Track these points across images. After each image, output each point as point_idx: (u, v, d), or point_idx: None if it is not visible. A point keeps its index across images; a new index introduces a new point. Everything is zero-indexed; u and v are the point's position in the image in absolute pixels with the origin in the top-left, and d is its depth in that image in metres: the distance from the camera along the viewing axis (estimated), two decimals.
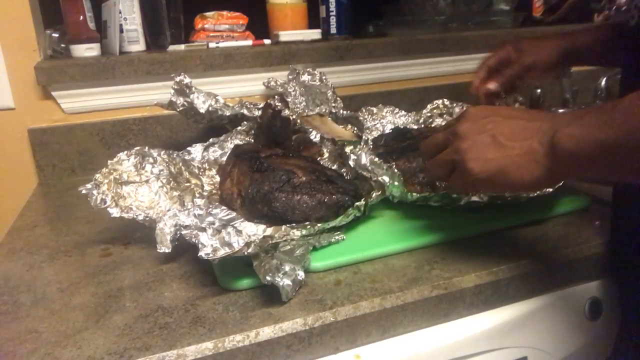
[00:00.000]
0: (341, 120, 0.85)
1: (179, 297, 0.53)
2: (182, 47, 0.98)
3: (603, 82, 1.08)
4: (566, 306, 0.61)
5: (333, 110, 0.89)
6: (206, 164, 0.78)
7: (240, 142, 0.81)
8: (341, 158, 0.77)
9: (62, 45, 0.95)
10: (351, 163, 0.66)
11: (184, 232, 0.52)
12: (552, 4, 1.31)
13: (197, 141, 0.80)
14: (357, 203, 0.61)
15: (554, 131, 0.45)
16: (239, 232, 0.51)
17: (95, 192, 0.62)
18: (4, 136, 0.90)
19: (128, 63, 0.90)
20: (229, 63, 0.96)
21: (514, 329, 0.58)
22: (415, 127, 0.88)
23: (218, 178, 0.75)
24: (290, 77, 0.95)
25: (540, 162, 0.46)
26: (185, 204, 0.66)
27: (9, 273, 0.60)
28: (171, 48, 0.99)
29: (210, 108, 0.82)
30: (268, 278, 0.49)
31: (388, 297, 0.51)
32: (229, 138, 0.82)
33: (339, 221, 0.60)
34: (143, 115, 0.95)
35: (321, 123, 0.80)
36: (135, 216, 0.62)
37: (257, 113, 0.85)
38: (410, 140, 0.77)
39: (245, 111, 0.85)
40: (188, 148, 0.78)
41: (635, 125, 0.40)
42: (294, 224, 0.58)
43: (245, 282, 0.53)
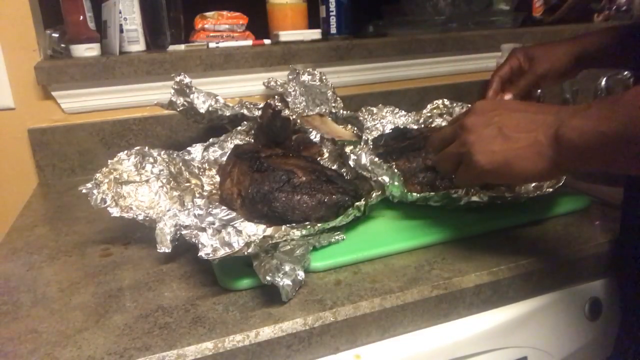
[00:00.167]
0: (341, 120, 0.85)
1: (179, 297, 0.53)
2: (182, 47, 0.98)
3: (603, 82, 1.08)
4: (566, 306, 0.61)
5: (333, 110, 0.89)
6: (206, 164, 0.78)
7: (240, 142, 0.81)
8: (341, 158, 0.77)
9: (62, 45, 0.95)
10: (351, 163, 0.66)
11: (184, 232, 0.52)
12: (552, 4, 1.31)
13: (197, 141, 0.80)
14: (357, 203, 0.61)
15: (559, 123, 0.45)
16: (239, 232, 0.51)
17: (95, 192, 0.62)
18: (4, 136, 0.90)
19: (128, 63, 0.90)
20: (229, 63, 0.96)
21: (514, 329, 0.58)
22: (415, 127, 0.88)
23: (218, 178, 0.75)
24: (290, 77, 0.95)
25: (544, 154, 0.46)
26: (185, 204, 0.66)
27: (9, 273, 0.60)
28: (171, 48, 0.99)
29: (210, 108, 0.82)
30: (268, 278, 0.49)
31: (388, 297, 0.51)
32: (229, 138, 0.82)
33: (339, 221, 0.60)
34: (143, 115, 0.95)
35: (321, 123, 0.80)
36: (135, 216, 0.62)
37: (257, 113, 0.85)
38: (410, 140, 0.77)
39: (245, 111, 0.85)
40: (188, 148, 0.78)
41: (637, 117, 0.40)
42: (294, 224, 0.58)
43: (245, 282, 0.53)
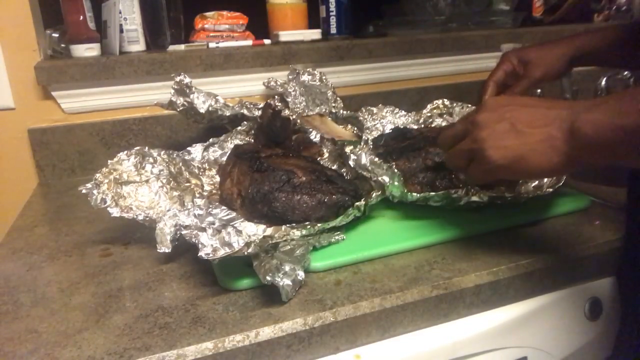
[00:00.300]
0: (341, 120, 0.85)
1: (179, 297, 0.53)
2: (182, 47, 0.98)
3: (603, 82, 1.08)
4: (566, 306, 0.61)
5: (333, 110, 0.89)
6: (206, 164, 0.78)
7: (240, 142, 0.81)
8: (341, 158, 0.77)
9: (62, 45, 0.95)
10: (351, 163, 0.66)
11: (184, 232, 0.52)
12: (552, 4, 1.31)
13: (197, 141, 0.80)
14: (357, 203, 0.61)
15: (574, 118, 0.45)
16: (239, 232, 0.51)
17: (95, 192, 0.62)
18: (4, 136, 0.90)
19: (128, 63, 0.90)
20: (229, 63, 0.96)
21: (514, 329, 0.58)
22: (415, 127, 0.88)
23: (218, 178, 0.75)
24: (290, 77, 0.95)
25: (559, 149, 0.46)
26: (185, 204, 0.66)
27: (9, 273, 0.60)
28: (171, 48, 0.99)
29: (210, 108, 0.82)
30: (268, 278, 0.49)
31: (388, 297, 0.51)
32: (229, 138, 0.82)
33: (339, 221, 0.60)
34: (143, 115, 0.95)
35: (321, 123, 0.80)
36: (135, 216, 0.62)
37: (257, 113, 0.85)
38: (410, 140, 0.77)
39: (245, 111, 0.85)
40: (188, 148, 0.78)
41: None
42: (294, 224, 0.58)
43: (245, 282, 0.53)
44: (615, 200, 0.69)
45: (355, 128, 0.83)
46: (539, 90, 1.10)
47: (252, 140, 0.83)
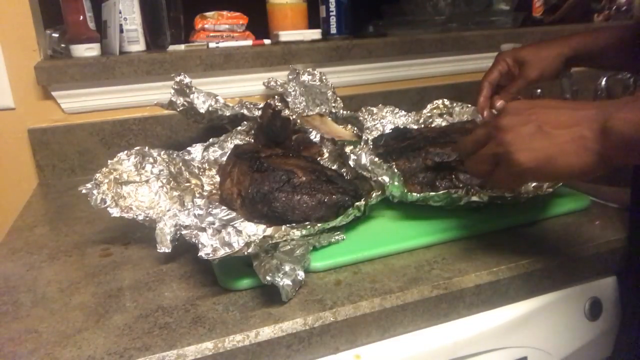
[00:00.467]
0: (341, 120, 0.85)
1: (179, 297, 0.53)
2: (182, 47, 0.98)
3: (603, 82, 1.08)
4: (566, 306, 0.61)
5: (333, 110, 0.89)
6: (206, 164, 0.78)
7: (240, 142, 0.81)
8: (341, 158, 0.77)
9: (62, 45, 0.95)
10: (351, 163, 0.66)
11: (184, 232, 0.52)
12: (552, 4, 1.31)
13: (197, 141, 0.80)
14: (357, 203, 0.61)
15: (606, 117, 0.45)
16: (239, 232, 0.51)
17: (95, 192, 0.62)
18: (4, 136, 0.90)
19: (128, 63, 0.90)
20: (229, 63, 0.96)
21: (514, 329, 0.58)
22: (415, 127, 0.88)
23: (218, 178, 0.75)
24: (290, 77, 0.95)
25: (590, 149, 0.45)
26: (185, 204, 0.66)
27: (9, 273, 0.60)
28: (171, 48, 0.99)
29: (210, 108, 0.82)
30: (268, 278, 0.49)
31: (388, 297, 0.51)
32: (229, 138, 0.82)
33: (339, 221, 0.60)
34: (143, 115, 0.95)
35: (321, 123, 0.80)
36: (135, 216, 0.62)
37: (257, 113, 0.85)
38: (410, 140, 0.77)
39: (245, 111, 0.85)
40: (188, 148, 0.78)
41: None
42: (294, 224, 0.58)
43: (245, 282, 0.53)
44: (615, 200, 0.69)
45: (355, 128, 0.83)
46: (539, 90, 1.10)
47: (252, 140, 0.83)
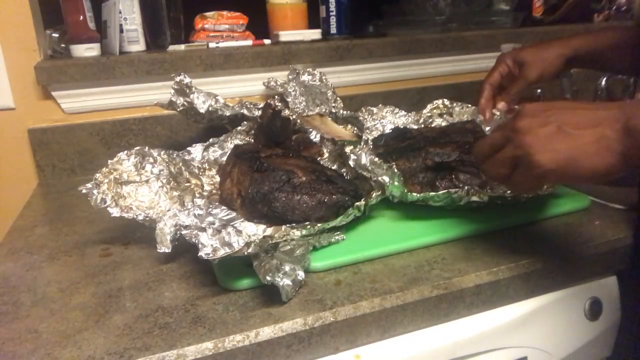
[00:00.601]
0: (341, 120, 0.85)
1: (179, 297, 0.53)
2: (182, 47, 0.98)
3: (603, 82, 1.08)
4: (566, 306, 0.61)
5: (333, 110, 0.89)
6: (206, 164, 0.78)
7: (240, 142, 0.81)
8: (341, 158, 0.77)
9: (62, 45, 0.95)
10: (351, 163, 0.66)
11: (184, 232, 0.52)
12: (552, 4, 1.31)
13: (197, 141, 0.80)
14: (357, 203, 0.61)
15: (627, 117, 0.44)
16: (239, 232, 0.51)
17: (95, 192, 0.62)
18: (4, 136, 0.90)
19: (128, 63, 0.90)
20: (229, 63, 0.96)
21: (514, 329, 0.58)
22: (415, 127, 0.88)
23: (218, 178, 0.75)
24: (290, 77, 0.95)
25: (613, 149, 0.45)
26: (185, 204, 0.66)
27: (9, 273, 0.60)
28: (171, 48, 0.99)
29: (210, 108, 0.82)
30: (268, 278, 0.49)
31: (388, 297, 0.51)
32: (229, 138, 0.82)
33: (339, 221, 0.60)
34: (143, 115, 0.95)
35: (321, 123, 0.80)
36: (135, 216, 0.62)
37: (257, 113, 0.85)
38: (410, 140, 0.77)
39: (245, 111, 0.85)
40: (188, 148, 0.78)
41: None
42: (294, 224, 0.58)
43: (245, 282, 0.53)
44: (616, 200, 0.69)
45: (355, 128, 0.83)
46: (539, 90, 1.10)
47: (252, 140, 0.83)
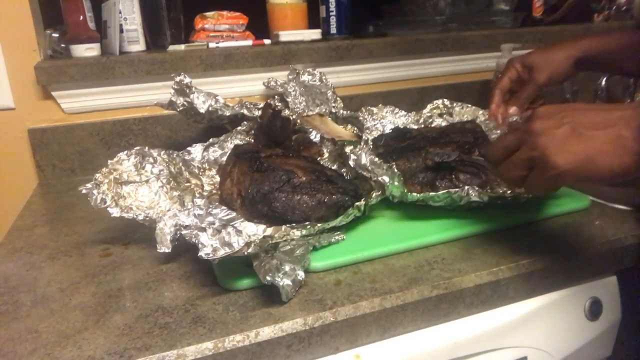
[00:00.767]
0: (341, 120, 0.85)
1: (179, 297, 0.53)
2: (182, 47, 0.98)
3: (603, 82, 1.08)
4: (566, 306, 0.61)
5: (333, 110, 0.89)
6: (206, 164, 0.78)
7: (240, 142, 0.81)
8: (341, 158, 0.77)
9: (62, 45, 0.95)
10: (351, 163, 0.66)
11: (184, 232, 0.52)
12: (552, 4, 1.31)
13: (197, 141, 0.80)
14: (357, 203, 0.61)
15: None
16: (239, 232, 0.51)
17: (95, 192, 0.62)
18: (4, 136, 0.90)
19: (128, 63, 0.90)
20: (229, 63, 0.96)
21: (514, 329, 0.58)
22: (415, 127, 0.88)
23: (218, 178, 0.75)
24: (290, 77, 0.95)
25: (630, 149, 0.45)
26: (185, 204, 0.66)
27: (9, 273, 0.60)
28: (171, 48, 0.99)
29: (210, 108, 0.82)
30: (268, 278, 0.49)
31: (388, 297, 0.51)
32: (229, 138, 0.82)
33: (339, 221, 0.60)
34: (143, 115, 0.95)
35: (321, 123, 0.80)
36: (135, 216, 0.62)
37: (257, 113, 0.85)
38: (410, 140, 0.77)
39: (245, 111, 0.85)
40: (188, 148, 0.78)
41: None
42: (294, 224, 0.58)
43: (245, 282, 0.53)
44: (616, 200, 0.69)
45: (355, 128, 0.83)
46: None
47: (252, 140, 0.83)
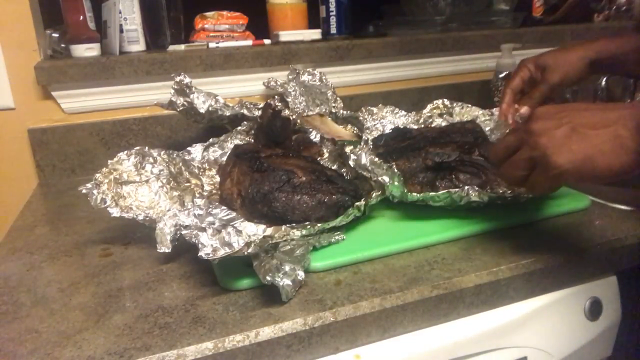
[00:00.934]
0: (341, 120, 0.85)
1: (179, 297, 0.53)
2: (182, 47, 0.98)
3: (603, 82, 1.08)
4: (566, 306, 0.61)
5: (333, 110, 0.89)
6: (206, 164, 0.78)
7: (240, 142, 0.81)
8: (341, 158, 0.77)
9: (62, 45, 0.95)
10: (351, 163, 0.66)
11: (184, 232, 0.52)
12: (552, 4, 1.31)
13: (197, 141, 0.80)
14: (357, 203, 0.61)
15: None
16: (239, 232, 0.51)
17: (95, 192, 0.62)
18: (4, 136, 0.90)
19: (128, 63, 0.90)
20: (229, 63, 0.96)
21: (514, 329, 0.58)
22: (415, 127, 0.88)
23: (218, 178, 0.75)
24: (290, 77, 0.95)
25: (628, 147, 0.45)
26: (185, 204, 0.66)
27: (9, 273, 0.60)
28: (171, 48, 0.99)
29: (210, 108, 0.82)
30: (268, 278, 0.49)
31: (388, 297, 0.51)
32: (229, 138, 0.82)
33: (339, 221, 0.60)
34: (143, 115, 0.95)
35: (321, 123, 0.80)
36: (135, 216, 0.62)
37: (257, 113, 0.85)
38: (410, 140, 0.77)
39: (245, 111, 0.85)
40: (188, 148, 0.78)
41: None
42: (294, 224, 0.58)
43: (245, 282, 0.53)
44: (615, 200, 0.69)
45: (355, 128, 0.83)
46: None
47: (252, 140, 0.83)
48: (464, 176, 0.67)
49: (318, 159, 0.78)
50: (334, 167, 0.76)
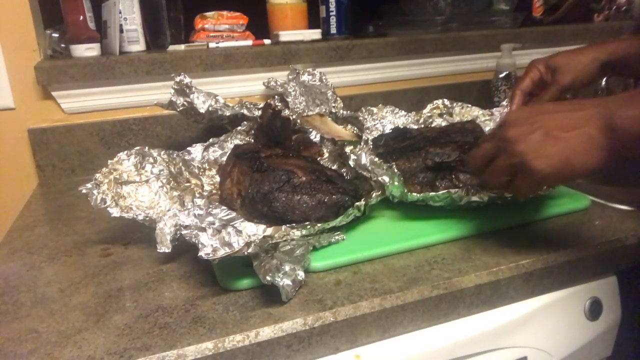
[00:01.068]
0: (341, 120, 0.85)
1: (179, 297, 0.53)
2: (182, 47, 0.98)
3: (603, 82, 1.08)
4: (566, 306, 0.61)
5: (333, 110, 0.89)
6: (206, 164, 0.78)
7: (240, 142, 0.81)
8: (341, 158, 0.77)
9: (62, 45, 0.95)
10: (351, 163, 0.66)
11: (184, 232, 0.52)
12: (552, 4, 1.31)
13: (197, 141, 0.80)
14: (357, 203, 0.61)
15: (609, 115, 0.47)
16: (239, 232, 0.51)
17: (95, 192, 0.62)
18: (4, 136, 0.90)
19: (128, 63, 0.90)
20: (229, 63, 0.96)
21: (514, 329, 0.58)
22: (415, 127, 0.88)
23: (218, 178, 0.75)
24: (290, 77, 0.95)
25: (600, 146, 0.47)
26: (185, 204, 0.66)
27: (9, 273, 0.60)
28: (171, 48, 0.99)
29: (210, 108, 0.82)
30: (268, 278, 0.49)
31: (388, 297, 0.51)
32: (229, 138, 0.82)
33: (339, 221, 0.60)
34: (143, 115, 0.95)
35: (321, 123, 0.80)
36: (135, 216, 0.62)
37: (257, 113, 0.85)
38: (410, 140, 0.77)
39: (245, 111, 0.85)
40: (188, 148, 0.78)
41: None
42: (294, 224, 0.58)
43: (245, 282, 0.53)
44: (615, 200, 0.69)
45: (355, 128, 0.83)
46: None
47: (252, 140, 0.83)
48: (464, 176, 0.67)
49: (318, 159, 0.78)
50: (334, 167, 0.76)
